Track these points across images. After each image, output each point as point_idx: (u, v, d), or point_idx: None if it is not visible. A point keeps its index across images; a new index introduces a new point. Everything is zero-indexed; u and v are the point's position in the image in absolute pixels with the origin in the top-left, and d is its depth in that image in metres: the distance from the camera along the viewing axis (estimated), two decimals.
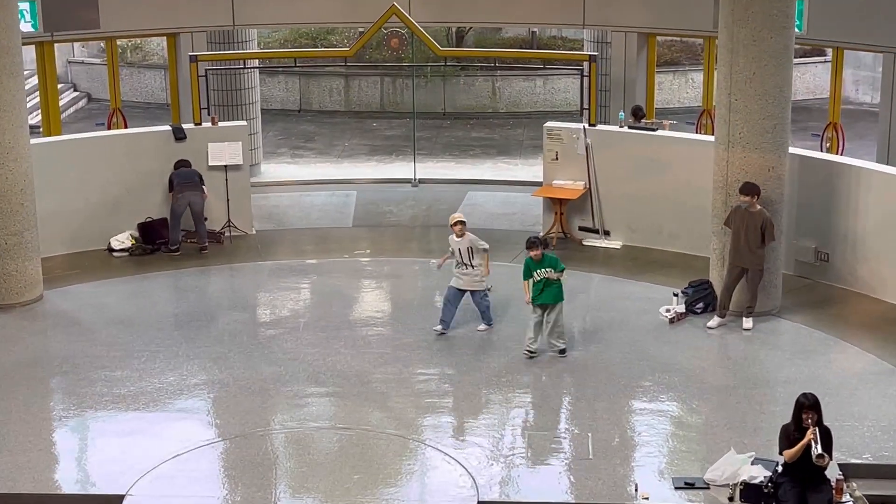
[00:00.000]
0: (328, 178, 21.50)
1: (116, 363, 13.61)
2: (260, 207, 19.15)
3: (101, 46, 26.69)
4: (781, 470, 10.13)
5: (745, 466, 10.39)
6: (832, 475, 10.06)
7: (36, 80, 20.92)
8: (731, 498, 10.18)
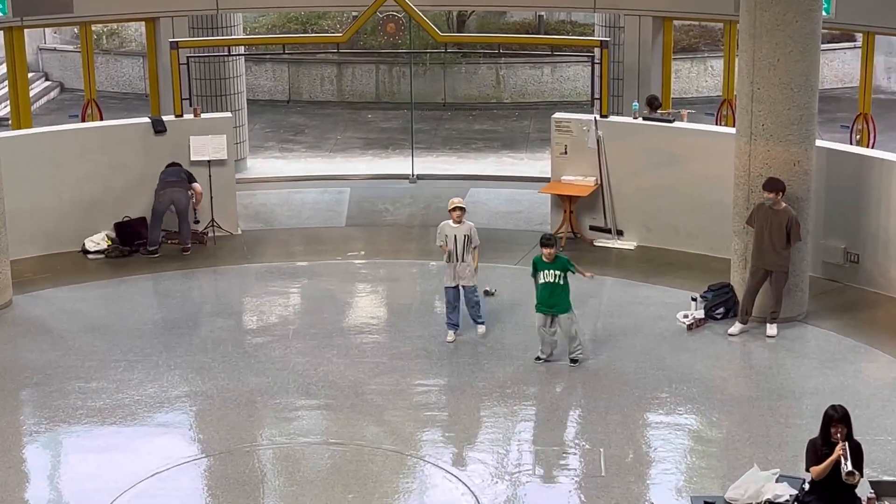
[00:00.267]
0: (319, 173, 21.51)
1: (92, 374, 13.62)
2: (246, 206, 19.16)
3: (74, 32, 26.71)
4: (808, 488, 10.15)
5: (769, 484, 10.41)
6: (863, 494, 10.05)
7: (4, 68, 20.94)
8: None
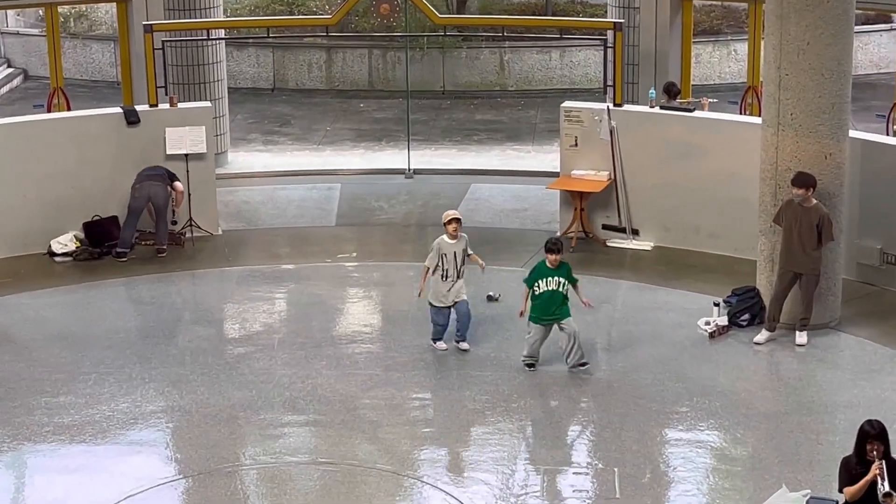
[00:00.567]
0: (307, 168, 21.51)
1: (59, 387, 13.61)
2: (227, 203, 19.17)
3: (39, 14, 26.70)
4: None
5: None
6: None
7: None
8: None
